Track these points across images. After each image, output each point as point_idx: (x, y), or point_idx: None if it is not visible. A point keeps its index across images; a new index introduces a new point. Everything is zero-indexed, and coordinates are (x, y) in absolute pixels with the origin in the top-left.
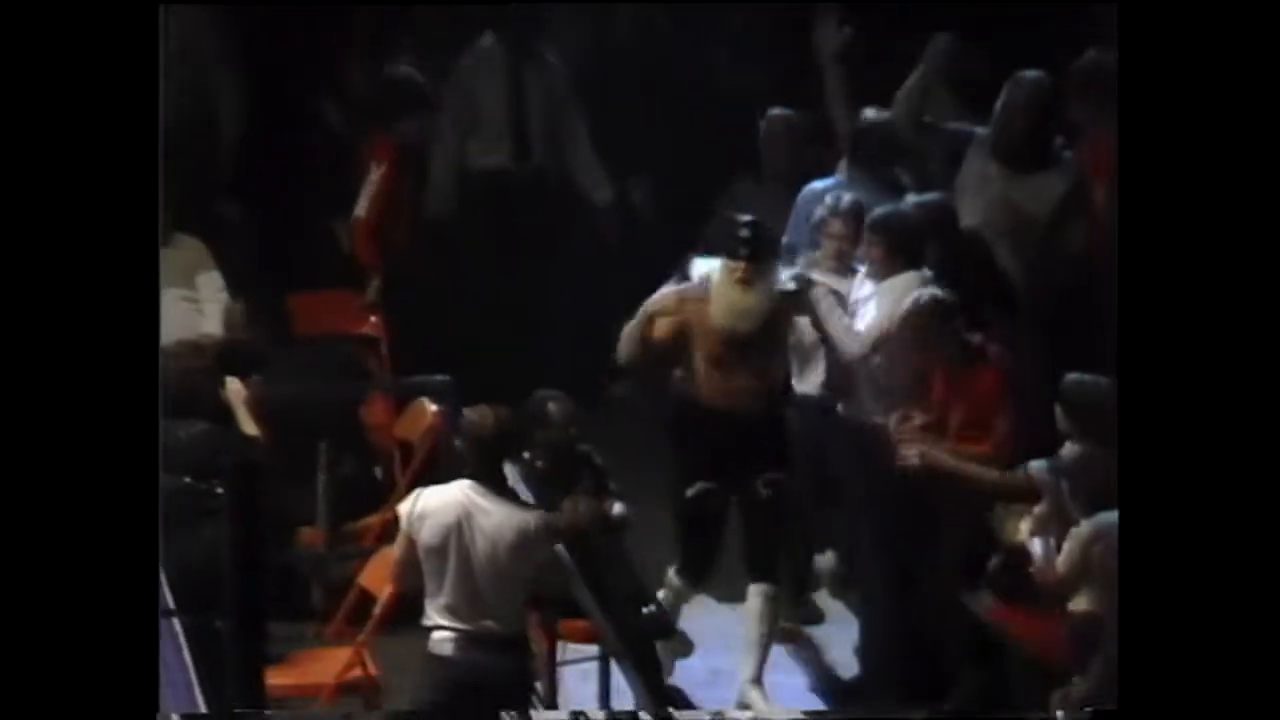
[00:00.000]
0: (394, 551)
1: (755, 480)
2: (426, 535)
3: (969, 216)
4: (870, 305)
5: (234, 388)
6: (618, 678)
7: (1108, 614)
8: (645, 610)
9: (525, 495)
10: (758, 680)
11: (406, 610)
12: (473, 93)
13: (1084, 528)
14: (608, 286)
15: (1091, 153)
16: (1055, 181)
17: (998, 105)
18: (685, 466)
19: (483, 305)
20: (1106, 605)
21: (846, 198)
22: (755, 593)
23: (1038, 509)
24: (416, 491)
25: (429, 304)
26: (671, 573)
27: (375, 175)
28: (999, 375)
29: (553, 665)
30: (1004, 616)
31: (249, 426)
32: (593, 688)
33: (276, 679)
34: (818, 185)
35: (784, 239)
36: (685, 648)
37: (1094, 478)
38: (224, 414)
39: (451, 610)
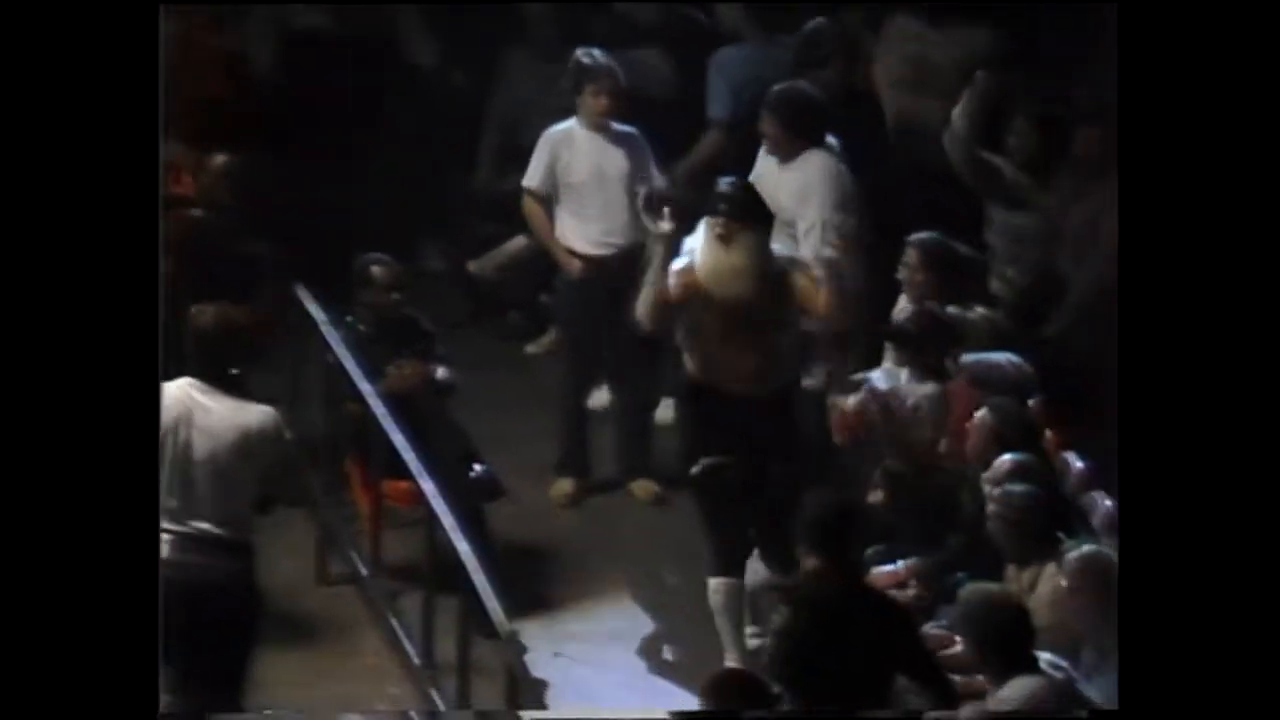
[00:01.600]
0: None
1: (766, 467)
2: None
3: (886, 72)
4: (785, 191)
5: None
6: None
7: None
8: (473, 472)
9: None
10: None
11: None
12: None
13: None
14: (432, 149)
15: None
16: (977, 34)
17: None
18: (692, 445)
19: (304, 169)
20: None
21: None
22: (719, 588)
23: None
24: None
25: (250, 169)
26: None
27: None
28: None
29: (376, 527)
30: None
31: None
32: (416, 550)
33: None
34: (730, 52)
35: (710, 114)
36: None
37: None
38: None
39: (167, 511)
